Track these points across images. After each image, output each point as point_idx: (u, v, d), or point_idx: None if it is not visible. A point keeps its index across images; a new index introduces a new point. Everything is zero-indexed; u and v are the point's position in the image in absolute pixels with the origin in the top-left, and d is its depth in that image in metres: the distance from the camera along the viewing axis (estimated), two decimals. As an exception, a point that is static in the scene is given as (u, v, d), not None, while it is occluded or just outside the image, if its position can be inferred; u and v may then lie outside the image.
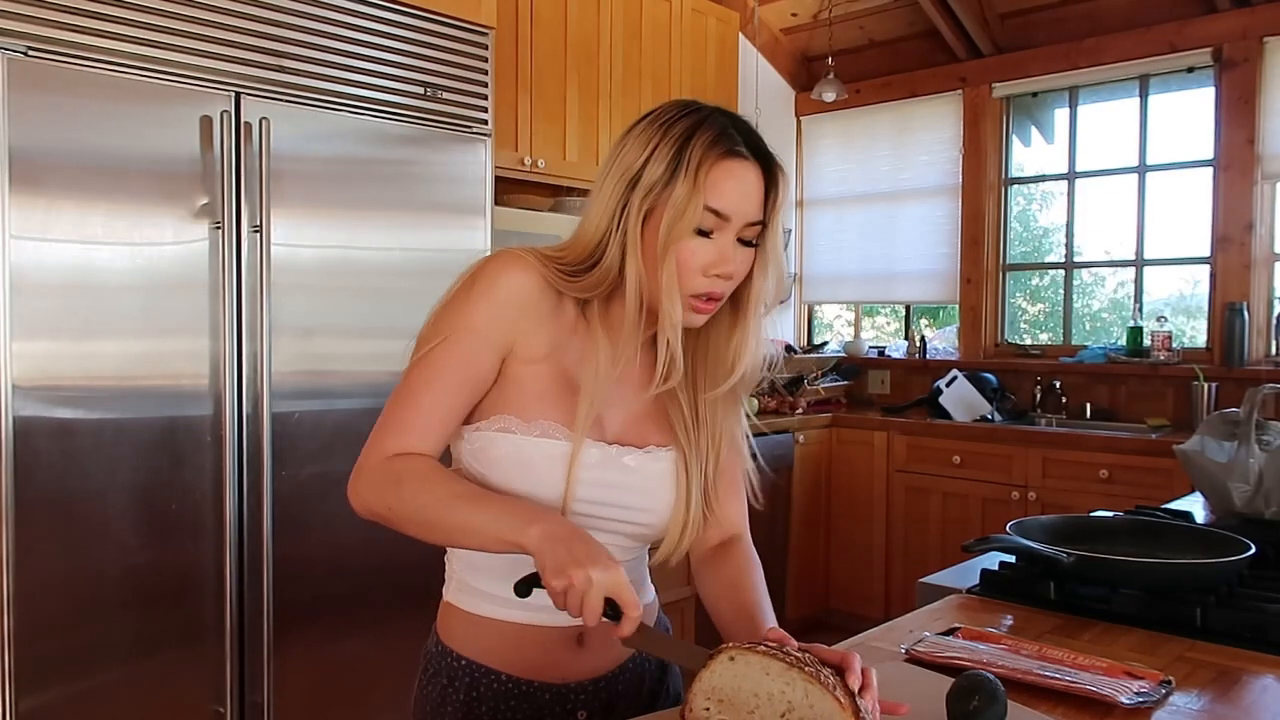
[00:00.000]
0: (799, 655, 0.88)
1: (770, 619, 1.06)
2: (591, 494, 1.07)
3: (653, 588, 1.23)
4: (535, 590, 0.93)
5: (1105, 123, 4.20)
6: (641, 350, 1.09)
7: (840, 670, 0.88)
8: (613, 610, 0.90)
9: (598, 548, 0.91)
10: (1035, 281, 4.58)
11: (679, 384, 1.10)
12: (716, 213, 1.01)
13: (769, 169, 1.06)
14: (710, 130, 1.02)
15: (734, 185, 1.02)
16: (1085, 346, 4.14)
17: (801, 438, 4.06)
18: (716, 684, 0.89)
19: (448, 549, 1.14)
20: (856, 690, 0.87)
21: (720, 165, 1.01)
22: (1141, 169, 4.04)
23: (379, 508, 1.02)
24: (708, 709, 0.88)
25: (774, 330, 1.13)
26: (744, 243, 1.05)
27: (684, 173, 1.00)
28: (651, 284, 1.04)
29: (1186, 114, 3.93)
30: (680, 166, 1.00)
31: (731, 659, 0.88)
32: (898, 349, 4.80)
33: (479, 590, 1.10)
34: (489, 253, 1.12)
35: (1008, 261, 4.47)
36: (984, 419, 4.00)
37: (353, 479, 1.04)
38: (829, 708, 0.84)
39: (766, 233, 1.07)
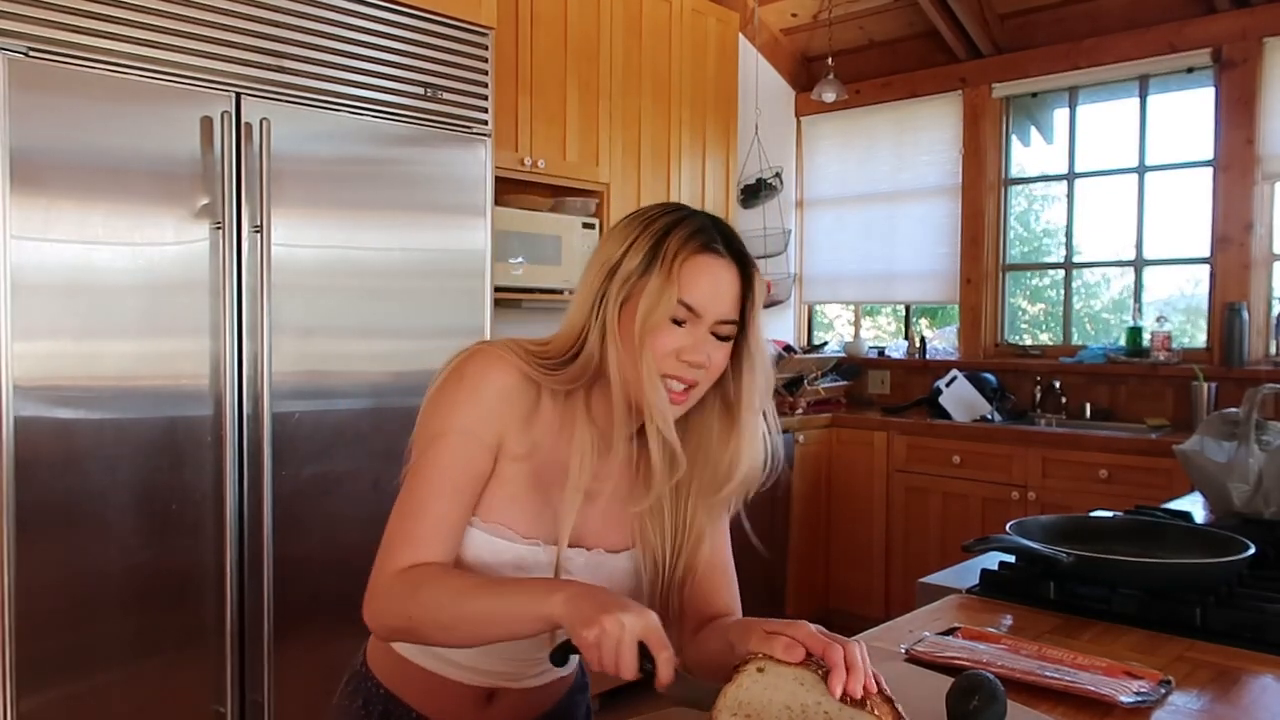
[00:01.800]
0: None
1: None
2: None
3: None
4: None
5: (1105, 123, 4.20)
6: (623, 446, 1.08)
7: (830, 667, 0.84)
8: (650, 661, 0.87)
9: (625, 598, 0.91)
10: (1035, 282, 4.58)
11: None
12: (689, 307, 1.03)
13: (745, 270, 1.07)
14: (689, 226, 1.04)
15: (708, 281, 1.03)
16: (1085, 346, 4.14)
17: (801, 438, 4.06)
18: (744, 698, 0.84)
19: None
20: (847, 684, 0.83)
21: (694, 260, 1.03)
22: (1141, 169, 4.04)
23: (397, 621, 1.00)
24: None
25: (770, 422, 1.12)
26: (720, 338, 1.06)
27: (660, 264, 1.02)
28: (630, 372, 1.04)
29: (1186, 114, 3.93)
30: (657, 258, 1.02)
31: (761, 670, 0.84)
32: (898, 349, 4.80)
33: None
34: (471, 348, 1.09)
35: (1007, 261, 4.47)
36: (984, 419, 4.01)
37: (367, 602, 1.02)
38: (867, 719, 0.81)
39: (748, 332, 1.08)
